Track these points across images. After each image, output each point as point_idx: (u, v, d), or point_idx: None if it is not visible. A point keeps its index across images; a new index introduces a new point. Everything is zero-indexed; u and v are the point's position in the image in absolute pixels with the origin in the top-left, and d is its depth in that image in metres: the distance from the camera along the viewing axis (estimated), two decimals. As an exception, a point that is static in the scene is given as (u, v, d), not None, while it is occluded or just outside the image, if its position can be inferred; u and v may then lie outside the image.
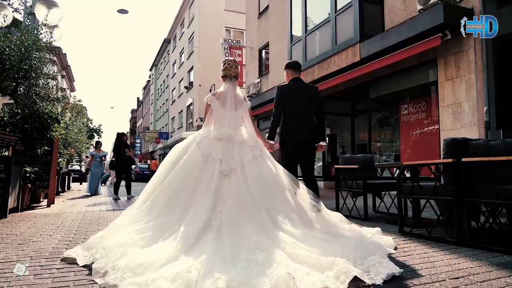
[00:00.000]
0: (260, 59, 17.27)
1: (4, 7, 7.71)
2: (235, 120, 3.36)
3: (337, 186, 5.28)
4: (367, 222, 4.53)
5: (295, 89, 4.30)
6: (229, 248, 2.49)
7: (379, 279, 2.10)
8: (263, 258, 2.36)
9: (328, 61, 10.81)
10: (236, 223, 2.78)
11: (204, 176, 3.07)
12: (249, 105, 3.55)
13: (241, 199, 2.96)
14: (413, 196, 3.57)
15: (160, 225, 2.89)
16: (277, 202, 3.06)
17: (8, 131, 6.27)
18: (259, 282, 2.05)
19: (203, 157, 3.16)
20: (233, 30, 26.62)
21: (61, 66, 37.71)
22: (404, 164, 3.63)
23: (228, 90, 3.45)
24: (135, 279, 2.10)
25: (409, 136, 9.32)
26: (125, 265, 2.22)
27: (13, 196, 5.73)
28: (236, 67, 3.56)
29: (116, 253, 2.45)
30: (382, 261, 2.34)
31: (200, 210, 2.86)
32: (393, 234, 3.68)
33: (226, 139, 3.25)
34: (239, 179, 3.06)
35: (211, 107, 3.44)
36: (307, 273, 2.15)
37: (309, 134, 4.20)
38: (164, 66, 41.60)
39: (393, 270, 2.22)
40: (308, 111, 4.24)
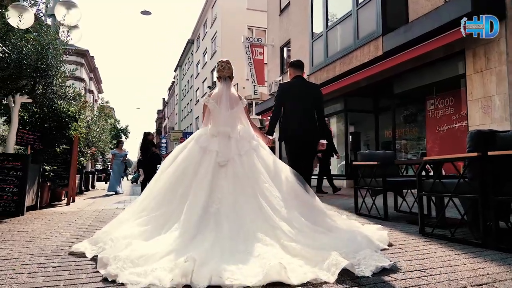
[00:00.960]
0: (282, 57, 17.05)
1: (26, 9, 7.84)
2: (231, 118, 3.44)
3: (356, 184, 5.04)
4: (386, 222, 4.28)
5: (296, 87, 4.34)
6: (228, 239, 2.56)
7: (368, 271, 2.16)
8: (259, 250, 2.42)
9: (349, 56, 10.49)
10: (234, 208, 2.86)
11: (201, 167, 3.16)
12: (245, 104, 3.62)
13: (239, 185, 3.03)
14: (434, 194, 3.30)
15: (160, 216, 2.98)
16: (276, 189, 3.09)
17: (27, 130, 6.36)
18: (253, 273, 2.10)
19: (200, 150, 3.27)
20: (255, 29, 26.46)
21: (89, 68, 38.74)
22: (424, 160, 3.37)
23: (223, 90, 3.53)
24: (135, 269, 2.18)
25: (436, 133, 8.90)
26: (127, 256, 2.31)
27: (31, 194, 5.79)
28: (229, 68, 3.62)
29: (121, 244, 2.54)
30: (373, 254, 2.39)
31: (197, 197, 2.92)
32: (413, 235, 3.42)
33: (220, 135, 3.34)
34: (236, 167, 3.14)
35: (208, 107, 3.53)
36: (300, 265, 2.24)
37: (308, 132, 4.23)
38: (188, 67, 41.99)
39: (382, 263, 2.26)
40: (308, 109, 4.27)
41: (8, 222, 4.68)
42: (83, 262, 2.58)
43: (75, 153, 7.74)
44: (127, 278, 2.08)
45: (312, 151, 4.37)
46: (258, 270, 2.13)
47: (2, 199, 5.21)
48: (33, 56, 5.56)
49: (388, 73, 9.48)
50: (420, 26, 7.87)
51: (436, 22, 7.43)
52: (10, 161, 5.32)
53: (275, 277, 2.01)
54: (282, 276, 2.01)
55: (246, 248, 2.46)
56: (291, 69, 4.50)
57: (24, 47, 5.60)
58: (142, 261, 2.28)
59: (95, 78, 43.02)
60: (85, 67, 36.87)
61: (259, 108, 17.86)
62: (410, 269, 2.28)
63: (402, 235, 3.44)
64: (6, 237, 3.62)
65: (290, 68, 4.53)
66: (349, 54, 10.49)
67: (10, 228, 4.18)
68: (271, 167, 3.33)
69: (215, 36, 29.39)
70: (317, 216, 3.12)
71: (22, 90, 5.72)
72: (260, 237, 2.58)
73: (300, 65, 4.52)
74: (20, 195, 5.29)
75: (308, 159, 4.35)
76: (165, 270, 2.13)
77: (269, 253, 2.36)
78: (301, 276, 2.06)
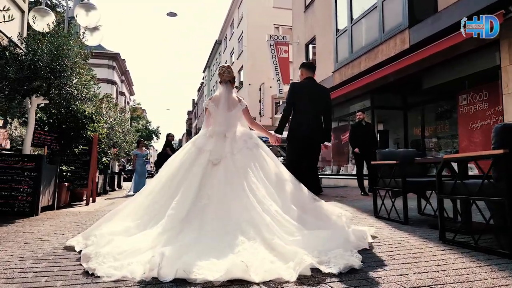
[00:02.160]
0: (307, 54, 16.69)
1: (48, 13, 7.97)
2: (228, 120, 3.57)
3: (374, 185, 4.70)
4: (406, 226, 3.94)
5: (307, 88, 4.40)
6: (212, 234, 2.68)
7: (335, 269, 2.20)
8: (240, 247, 2.49)
9: (375, 51, 10.05)
10: (222, 204, 2.96)
11: (195, 166, 3.29)
12: (245, 106, 3.71)
13: (229, 182, 3.12)
14: (455, 197, 2.95)
15: (152, 210, 3.14)
16: (267, 187, 3.19)
17: (44, 131, 6.42)
18: (220, 268, 2.17)
19: (196, 150, 3.42)
20: (282, 27, 26.18)
21: (120, 71, 39.66)
22: (444, 158, 3.02)
23: (223, 93, 3.66)
24: (114, 263, 2.32)
25: (469, 129, 8.32)
26: (108, 252, 2.46)
27: (47, 194, 5.81)
28: (229, 73, 3.71)
29: (103, 241, 2.70)
30: (344, 254, 2.41)
31: (186, 194, 3.04)
32: (432, 242, 3.08)
33: (218, 135, 3.47)
34: (228, 165, 3.24)
35: (208, 110, 3.67)
36: (272, 261, 2.31)
37: (314, 132, 4.28)
38: (216, 67, 42.19)
39: (352, 263, 2.29)
40: (316, 110, 4.34)
41: (20, 222, 4.68)
42: (66, 268, 2.45)
43: (95, 153, 7.78)
44: (104, 271, 2.22)
45: (315, 151, 4.40)
46: (222, 267, 2.19)
47: (17, 200, 5.24)
48: (47, 57, 5.57)
49: (416, 67, 8.97)
50: (449, 16, 7.37)
51: (466, 10, 6.91)
52: (25, 162, 5.35)
53: (238, 274, 2.09)
54: (245, 273, 2.09)
55: (229, 243, 2.55)
56: (303, 69, 4.52)
57: (39, 49, 5.63)
58: (123, 256, 2.42)
59: (127, 81, 44.00)
60: (117, 70, 37.77)
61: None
62: (417, 285, 1.98)
63: (420, 241, 3.11)
64: (8, 238, 3.58)
65: (302, 69, 4.55)
66: (375, 49, 10.04)
67: (17, 229, 4.15)
68: (265, 166, 3.42)
69: (241, 36, 29.32)
70: (305, 213, 3.16)
71: (38, 92, 5.74)
72: (245, 230, 2.68)
73: (312, 66, 4.57)
74: (34, 195, 5.31)
75: (312, 159, 4.42)
76: (140, 264, 2.28)
77: (248, 250, 2.45)
78: (262, 274, 2.12)
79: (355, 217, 4.68)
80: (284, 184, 3.38)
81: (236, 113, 3.64)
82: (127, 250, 2.49)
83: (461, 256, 2.57)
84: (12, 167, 5.30)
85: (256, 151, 3.47)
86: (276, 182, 3.35)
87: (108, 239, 2.69)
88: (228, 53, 34.88)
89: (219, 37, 38.16)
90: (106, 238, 2.75)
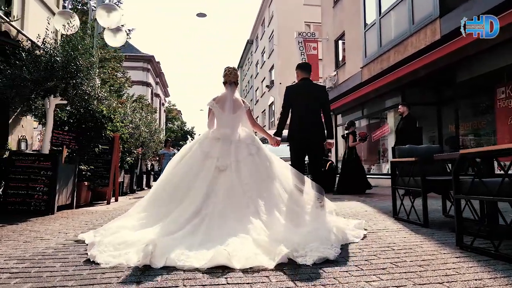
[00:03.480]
0: (336, 51, 16.24)
1: (72, 16, 8.13)
2: (233, 121, 3.69)
3: (394, 184, 4.36)
4: (426, 228, 3.59)
5: (303, 89, 4.49)
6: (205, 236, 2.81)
7: (310, 261, 2.36)
8: (229, 241, 2.65)
9: (404, 43, 9.53)
10: (224, 213, 3.09)
11: (203, 171, 3.42)
12: (248, 107, 3.84)
13: (232, 191, 3.27)
14: (472, 197, 2.61)
15: (157, 214, 3.27)
16: (266, 194, 3.31)
17: (63, 131, 6.52)
18: (207, 257, 2.36)
19: (203, 154, 3.53)
20: (313, 25, 25.71)
21: (155, 73, 40.59)
22: (461, 153, 2.68)
23: (227, 94, 3.76)
24: (114, 252, 2.53)
25: (509, 125, 7.68)
26: (109, 242, 2.69)
27: (65, 193, 5.88)
28: (235, 74, 3.85)
29: (108, 232, 2.97)
30: (319, 247, 2.55)
31: (194, 199, 3.21)
32: (448, 247, 2.75)
33: (223, 138, 3.59)
34: (232, 174, 3.38)
35: (212, 111, 3.75)
36: (256, 253, 2.48)
37: (313, 132, 4.34)
38: (248, 67, 42.23)
39: (327, 255, 2.45)
40: (314, 110, 4.40)
41: (32, 221, 4.72)
42: (48, 271, 2.35)
43: (116, 152, 7.84)
44: (103, 259, 2.44)
45: (317, 150, 4.43)
46: (209, 256, 2.37)
47: (33, 198, 5.32)
48: (63, 58, 5.62)
49: (449, 60, 8.39)
50: (483, 2, 6.82)
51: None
52: (41, 161, 5.43)
53: (222, 261, 2.28)
54: (227, 261, 2.28)
55: (220, 240, 2.70)
56: (299, 71, 4.59)
57: (55, 49, 5.71)
58: (123, 246, 2.63)
59: (161, 82, 44.96)
60: (151, 72, 38.67)
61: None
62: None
63: (434, 247, 2.79)
64: (11, 237, 3.57)
65: (298, 70, 4.61)
66: (404, 42, 9.52)
67: (25, 228, 4.17)
68: (265, 170, 3.56)
69: (272, 35, 29.11)
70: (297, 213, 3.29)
71: (55, 92, 5.82)
72: (238, 235, 2.81)
73: (307, 67, 4.65)
74: (49, 194, 5.36)
75: (315, 158, 4.45)
76: (135, 253, 2.47)
77: (236, 244, 2.61)
78: (244, 262, 2.31)
79: (373, 219, 4.37)
80: (282, 185, 3.53)
81: (240, 114, 3.77)
82: (127, 241, 2.71)
83: (476, 265, 2.24)
84: (29, 167, 5.39)
85: (257, 157, 3.61)
86: (273, 185, 3.48)
87: (113, 231, 2.98)
88: (259, 53, 34.77)
89: (250, 37, 38.14)
90: (112, 230, 3.04)
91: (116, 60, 23.51)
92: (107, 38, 8.98)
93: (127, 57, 25.80)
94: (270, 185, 3.43)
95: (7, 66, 5.45)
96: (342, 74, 15.13)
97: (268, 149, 3.85)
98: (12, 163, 5.38)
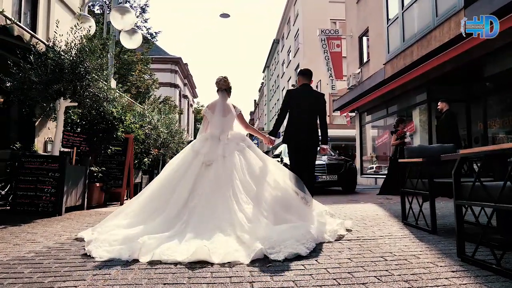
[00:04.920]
0: (361, 47, 15.76)
1: (88, 19, 8.24)
2: (222, 124, 3.96)
3: (402, 187, 4.06)
4: (432, 235, 3.30)
5: (302, 94, 4.73)
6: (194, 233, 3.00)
7: (281, 257, 2.53)
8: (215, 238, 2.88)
9: (428, 37, 9.05)
10: (209, 205, 3.32)
11: (192, 167, 3.67)
12: (239, 111, 4.14)
13: (217, 183, 3.48)
14: (472, 203, 2.31)
15: (150, 210, 3.50)
16: (250, 188, 3.50)
17: (76, 132, 6.58)
18: (186, 252, 2.60)
19: (193, 153, 3.81)
20: (339, 22, 25.20)
21: (183, 75, 41.10)
22: (462, 154, 2.39)
23: (218, 100, 4.10)
24: (108, 248, 2.81)
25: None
26: (104, 239, 2.97)
27: (74, 194, 5.91)
28: (225, 82, 4.16)
29: (105, 230, 3.27)
30: (293, 243, 2.72)
31: (182, 194, 3.47)
32: (448, 258, 2.48)
33: (212, 137, 3.86)
34: (218, 168, 3.61)
35: (205, 117, 4.10)
36: (237, 249, 2.69)
37: (309, 136, 4.58)
38: (275, 67, 42.02)
39: (299, 251, 2.63)
40: (311, 115, 4.64)
41: (37, 222, 4.73)
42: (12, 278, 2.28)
43: (130, 154, 7.86)
44: (98, 253, 2.72)
45: (311, 153, 4.64)
46: (190, 250, 2.60)
47: (41, 200, 5.37)
48: (69, 60, 5.65)
49: (476, 53, 7.88)
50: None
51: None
52: (49, 163, 5.47)
53: (202, 256, 2.51)
54: (207, 256, 2.51)
55: (208, 236, 2.92)
56: (300, 77, 4.85)
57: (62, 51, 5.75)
58: (116, 243, 2.89)
59: (189, 84, 45.47)
60: (179, 74, 39.18)
61: (338, 103, 16.78)
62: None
63: (434, 257, 2.51)
64: (6, 239, 3.57)
65: (299, 76, 4.88)
66: (427, 36, 9.04)
67: (24, 230, 4.17)
68: (253, 167, 3.74)
69: (297, 34, 28.78)
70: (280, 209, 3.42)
71: (65, 94, 5.86)
72: (224, 228, 3.04)
73: (308, 73, 4.86)
74: (57, 195, 5.40)
75: (307, 160, 4.63)
76: (127, 249, 2.71)
77: (220, 241, 2.84)
78: (222, 256, 2.53)
79: (380, 224, 4.09)
80: (269, 184, 3.66)
81: (230, 118, 4.04)
82: (121, 238, 2.96)
83: (472, 282, 1.97)
84: (37, 168, 5.44)
85: (246, 153, 3.82)
86: (260, 181, 3.65)
87: (109, 229, 3.25)
88: (285, 52, 34.52)
89: (276, 36, 37.94)
90: (108, 228, 3.32)
91: (143, 63, 23.99)
92: (123, 40, 9.07)
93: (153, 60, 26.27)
94: (256, 181, 3.60)
95: (18, 69, 5.54)
96: (367, 71, 14.66)
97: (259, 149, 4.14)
98: (21, 164, 5.46)
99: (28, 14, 8.83)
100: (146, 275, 2.28)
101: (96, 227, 3.53)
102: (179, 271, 2.34)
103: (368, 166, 15.82)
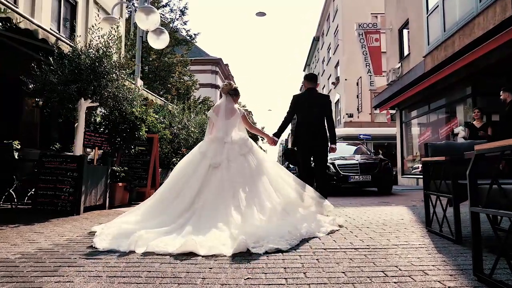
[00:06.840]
0: (401, 41, 14.95)
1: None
2: (226, 126, 4.16)
3: (425, 188, 3.62)
4: (456, 245, 2.86)
5: (308, 98, 5.00)
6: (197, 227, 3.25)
7: (262, 250, 2.71)
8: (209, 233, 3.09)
9: (470, 25, 8.30)
10: (211, 209, 3.51)
11: (199, 169, 3.90)
12: (242, 113, 4.32)
13: (221, 187, 3.69)
14: (491, 211, 1.89)
15: (157, 209, 3.74)
16: (249, 189, 3.70)
17: (99, 133, 6.64)
18: (177, 244, 2.82)
19: (200, 155, 4.03)
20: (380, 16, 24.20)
21: (223, 75, 41.49)
22: (476, 150, 1.98)
23: (222, 103, 4.31)
24: (111, 241, 3.06)
25: None
26: (109, 233, 3.24)
27: (94, 194, 5.93)
28: (227, 85, 4.38)
29: (112, 225, 3.56)
30: (275, 239, 2.88)
31: (188, 194, 3.71)
32: (463, 276, 2.07)
33: (217, 140, 4.08)
34: (223, 171, 3.83)
35: (211, 119, 4.31)
36: (224, 244, 2.86)
37: (317, 138, 4.85)
38: (315, 65, 41.27)
39: (279, 246, 2.79)
40: (318, 117, 4.90)
41: (51, 221, 4.73)
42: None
43: (155, 153, 7.86)
44: (101, 245, 2.99)
45: (321, 154, 4.88)
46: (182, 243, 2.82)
47: (60, 199, 5.42)
48: (88, 60, 5.67)
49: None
50: None
51: None
52: (68, 163, 5.52)
53: (190, 248, 2.74)
54: (194, 248, 2.73)
55: (204, 232, 3.12)
56: (305, 81, 5.19)
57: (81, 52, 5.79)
58: (119, 236, 3.15)
59: (230, 85, 45.76)
60: (220, 74, 39.57)
61: (377, 100, 16.03)
62: None
63: (446, 275, 2.12)
64: (9, 239, 3.56)
65: (304, 81, 5.22)
66: (470, 23, 8.30)
67: (33, 229, 4.15)
68: (253, 169, 3.97)
69: (337, 30, 27.99)
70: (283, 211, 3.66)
71: (85, 95, 5.89)
72: (219, 227, 3.23)
73: (313, 78, 5.20)
74: (75, 195, 5.43)
75: (318, 162, 4.90)
76: (128, 242, 2.95)
77: (213, 235, 3.04)
78: (208, 249, 2.74)
79: (401, 229, 3.68)
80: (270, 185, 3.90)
81: (234, 120, 4.23)
82: (124, 233, 3.20)
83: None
84: (57, 168, 5.51)
85: (248, 156, 4.03)
86: (262, 183, 3.86)
87: (117, 225, 3.50)
88: (325, 49, 33.77)
89: (316, 34, 37.24)
90: (116, 224, 3.59)
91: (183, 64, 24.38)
92: (151, 40, 9.11)
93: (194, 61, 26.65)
94: (257, 182, 3.82)
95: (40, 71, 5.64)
96: (407, 65, 13.85)
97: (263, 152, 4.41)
98: (42, 164, 5.55)
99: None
100: (135, 263, 2.53)
101: (107, 223, 3.76)
102: (166, 261, 2.58)
103: (411, 166, 14.96)
